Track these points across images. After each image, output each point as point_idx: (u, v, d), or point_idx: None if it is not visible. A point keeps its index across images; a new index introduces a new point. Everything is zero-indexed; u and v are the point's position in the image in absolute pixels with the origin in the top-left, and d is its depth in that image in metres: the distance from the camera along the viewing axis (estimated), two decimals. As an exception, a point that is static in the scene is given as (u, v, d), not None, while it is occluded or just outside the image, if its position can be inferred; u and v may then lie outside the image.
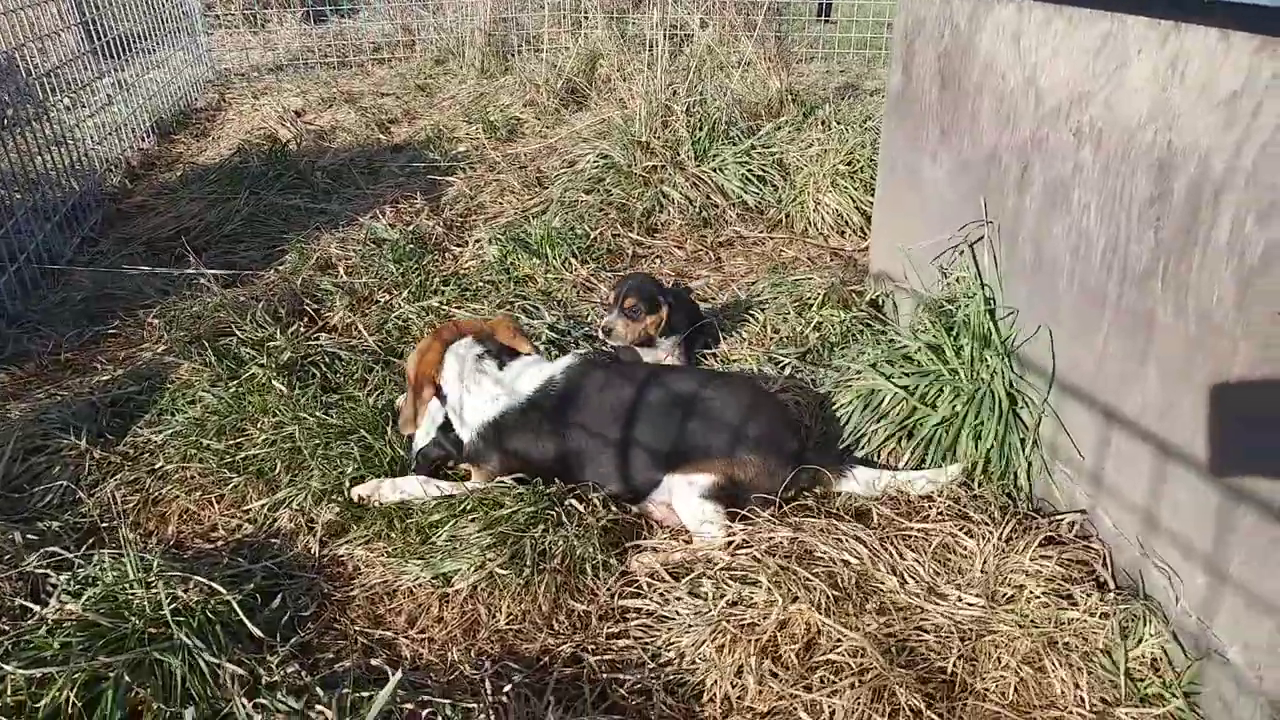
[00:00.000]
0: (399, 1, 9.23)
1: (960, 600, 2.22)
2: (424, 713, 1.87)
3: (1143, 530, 2.17)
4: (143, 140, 6.08)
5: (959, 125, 3.01)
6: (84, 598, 2.06)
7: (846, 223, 4.56)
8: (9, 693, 1.82)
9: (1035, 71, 2.53)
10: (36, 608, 2.04)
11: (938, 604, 2.21)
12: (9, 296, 3.84)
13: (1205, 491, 1.93)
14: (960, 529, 2.43)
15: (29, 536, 2.37)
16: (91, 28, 5.92)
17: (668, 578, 2.38)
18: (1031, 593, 2.20)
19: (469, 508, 2.55)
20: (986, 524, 2.43)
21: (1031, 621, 2.13)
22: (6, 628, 1.98)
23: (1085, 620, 2.12)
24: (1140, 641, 2.07)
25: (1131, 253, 2.13)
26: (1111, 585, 2.25)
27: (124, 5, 6.36)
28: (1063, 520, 2.46)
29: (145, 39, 6.73)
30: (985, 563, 2.30)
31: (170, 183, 5.34)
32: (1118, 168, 2.16)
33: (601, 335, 3.14)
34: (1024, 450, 2.64)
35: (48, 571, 2.18)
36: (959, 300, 2.95)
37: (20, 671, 1.84)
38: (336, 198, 5.09)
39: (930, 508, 2.55)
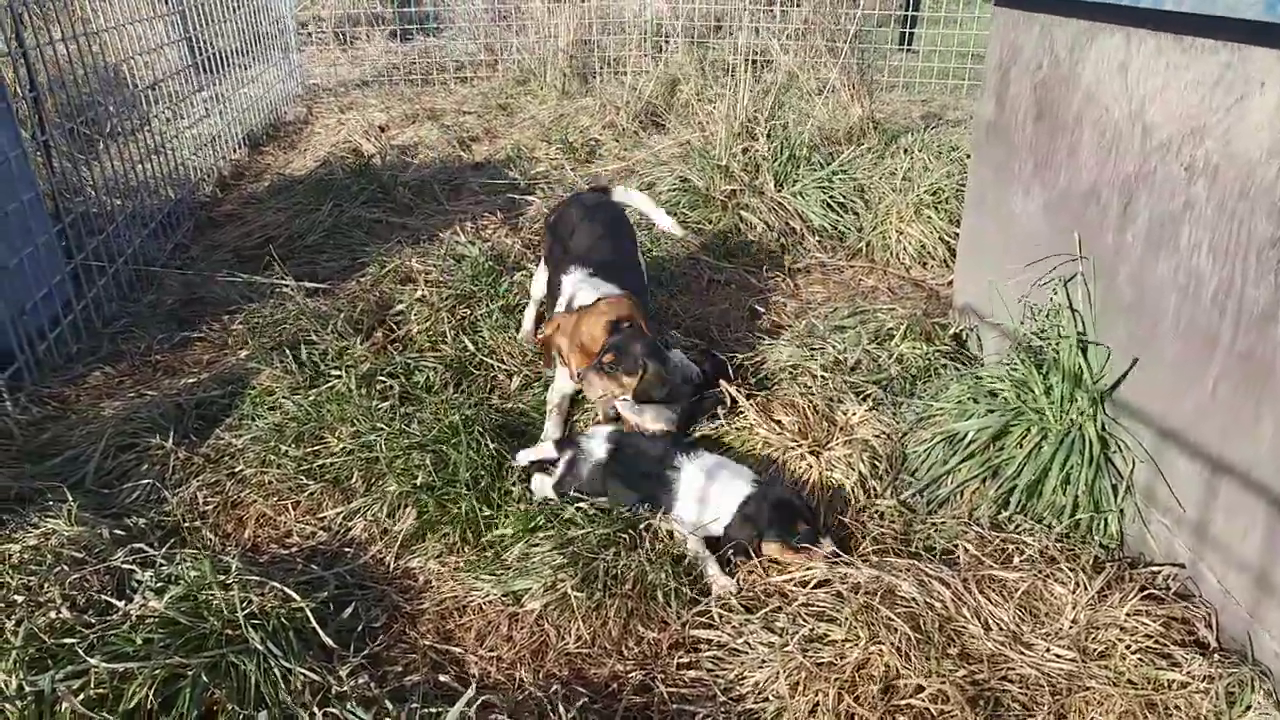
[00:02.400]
0: (483, 22, 9.42)
1: (1049, 652, 2.11)
2: (495, 733, 1.84)
3: (1253, 590, 2.04)
4: (234, 151, 6.29)
5: (1054, 158, 2.92)
6: (166, 596, 2.09)
7: (929, 254, 4.46)
8: (93, 685, 1.84)
9: (1143, 103, 2.43)
10: (121, 604, 2.07)
11: (1024, 654, 2.11)
12: (106, 298, 3.98)
13: (1327, 553, 1.81)
14: (1049, 576, 2.33)
15: (116, 532, 2.42)
16: (193, 43, 6.15)
17: (741, 609, 2.32)
18: (1127, 649, 2.09)
19: (541, 524, 2.54)
20: (1077, 573, 2.31)
21: (1128, 680, 2.02)
22: (93, 621, 2.02)
23: (1187, 683, 2.00)
24: (1248, 709, 1.94)
25: (1248, 295, 2.02)
26: (1215, 646, 2.12)
27: (224, 22, 6.61)
28: (1159, 572, 2.33)
29: (242, 54, 6.97)
30: (1076, 614, 2.19)
31: (258, 193, 5.50)
32: (1234, 206, 2.06)
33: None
34: (1116, 497, 2.53)
35: (133, 568, 2.23)
36: (1049, 337, 2.85)
37: (104, 665, 1.87)
38: (418, 212, 5.17)
39: (1018, 552, 2.44)
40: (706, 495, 2.54)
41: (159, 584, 2.17)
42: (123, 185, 4.50)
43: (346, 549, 2.58)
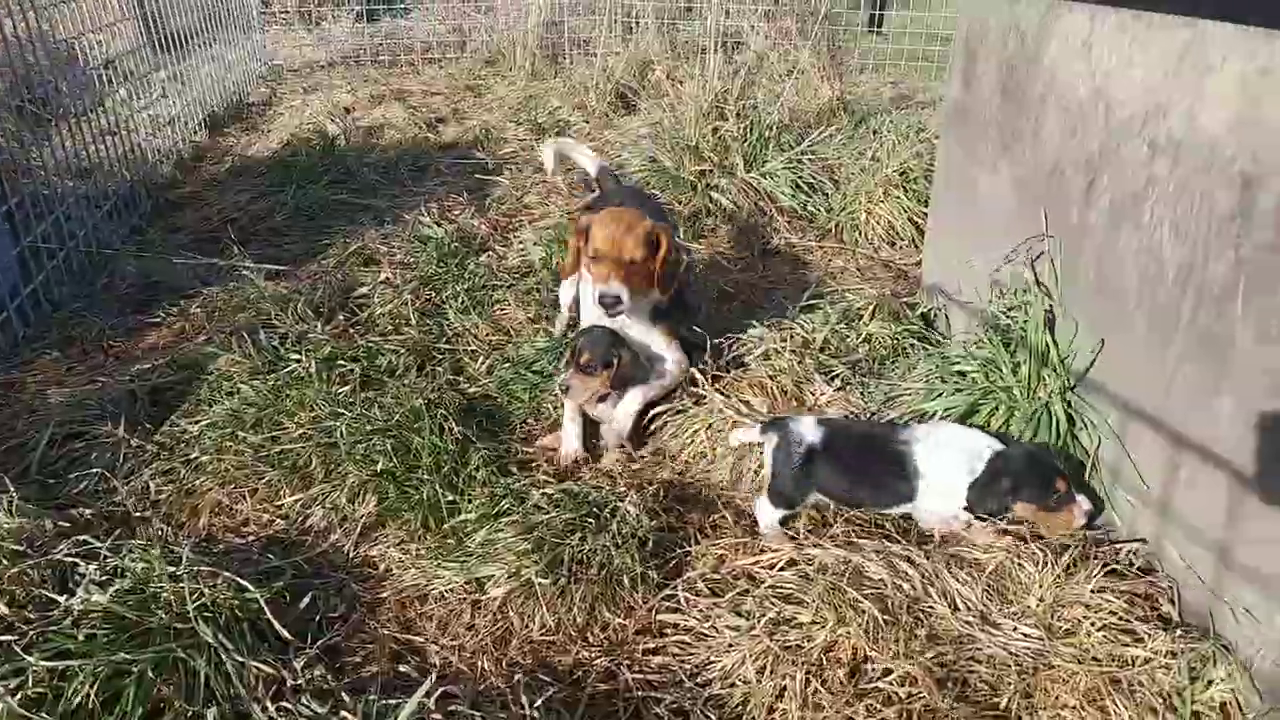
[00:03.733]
0: (451, 2, 9.27)
1: (1016, 631, 2.10)
2: (454, 723, 1.80)
3: (1215, 565, 2.04)
4: (194, 133, 6.14)
5: (1021, 136, 2.90)
6: (111, 590, 2.02)
7: (898, 234, 4.45)
8: (30, 685, 1.78)
9: (1107, 81, 2.42)
10: (63, 599, 2.00)
11: (992, 634, 2.10)
12: (56, 282, 3.86)
13: (1288, 528, 1.81)
14: (1017, 555, 2.32)
15: (60, 523, 2.34)
16: (150, 21, 5.99)
17: (709, 593, 2.30)
18: (1092, 626, 2.09)
19: (505, 509, 2.49)
20: (1044, 551, 2.31)
21: (1093, 658, 2.01)
22: (32, 617, 1.95)
23: (1150, 659, 2.00)
24: (1210, 685, 1.95)
25: (1209, 272, 2.01)
26: (1179, 622, 2.13)
27: (181, 0, 6.44)
28: (1123, 549, 2.34)
29: (202, 33, 6.80)
30: (1043, 592, 2.18)
31: (219, 175, 5.38)
32: (1196, 183, 2.04)
33: (559, 393, 2.97)
34: (1083, 474, 2.52)
35: (77, 560, 2.14)
36: (1017, 316, 2.84)
37: (42, 663, 1.80)
38: (382, 194, 5.08)
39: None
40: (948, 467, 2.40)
41: (104, 577, 2.09)
42: (75, 166, 4.37)
43: (305, 537, 2.53)
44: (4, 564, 2.08)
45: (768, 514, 2.51)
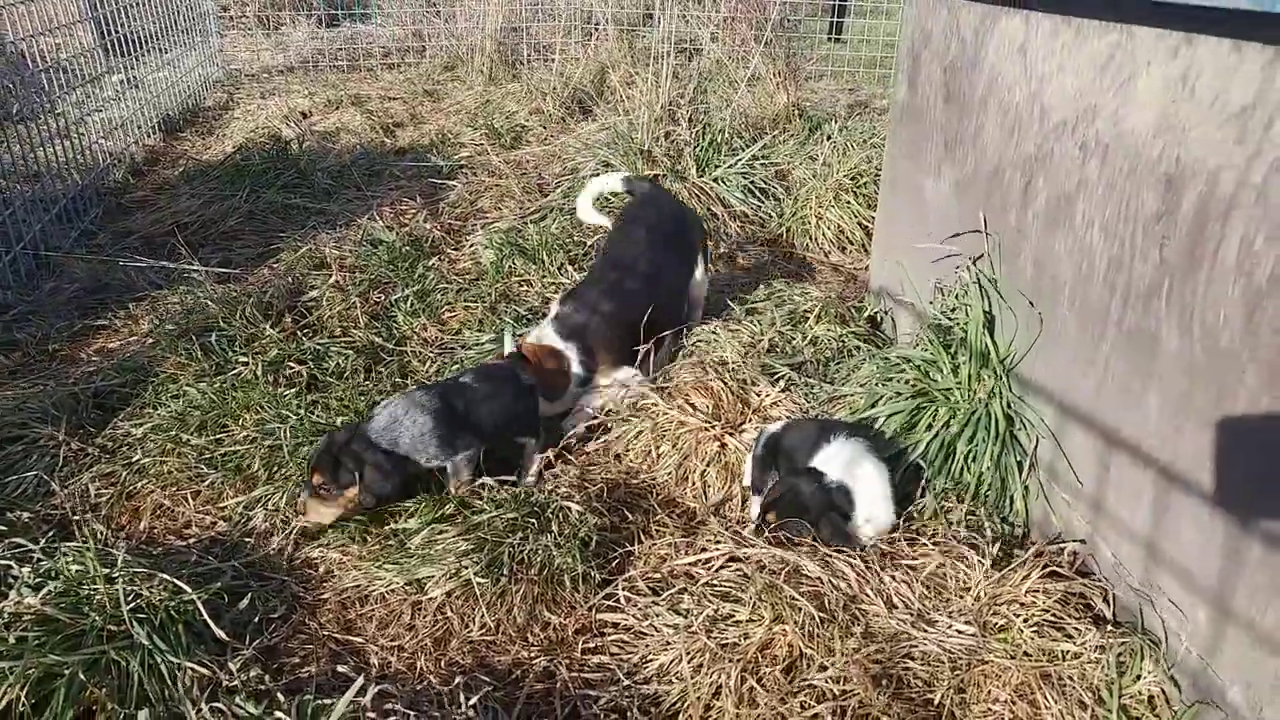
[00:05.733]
0: (411, 7, 9.23)
1: (950, 628, 2.13)
2: (387, 723, 1.80)
3: (1143, 562, 2.09)
4: (148, 136, 6.07)
5: (963, 140, 2.95)
6: (43, 592, 1.99)
7: (848, 239, 4.50)
8: (-43, 687, 1.75)
9: (1041, 84, 2.47)
10: (-7, 601, 1.97)
11: (926, 631, 2.13)
12: (2, 285, 3.80)
13: (1209, 523, 1.85)
14: (953, 554, 2.35)
15: (-4, 527, 2.31)
16: (104, 24, 5.91)
17: (648, 592, 2.31)
18: (1024, 624, 2.12)
19: (448, 513, 2.49)
20: (980, 549, 2.35)
21: (1024, 653, 2.05)
22: (-40, 620, 1.92)
23: (1080, 654, 2.04)
24: (1138, 678, 1.99)
25: (1136, 271, 2.06)
26: (1110, 618, 2.17)
27: (138, 3, 6.36)
28: (1059, 548, 2.38)
29: (158, 38, 6.72)
30: (979, 590, 2.22)
31: (172, 179, 5.31)
32: (1123, 183, 2.09)
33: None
34: (1021, 474, 2.57)
35: (10, 563, 2.11)
36: (957, 317, 2.88)
37: (-30, 666, 1.77)
38: (336, 198, 5.05)
39: (924, 530, 2.47)
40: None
41: (37, 580, 2.07)
42: (23, 169, 4.31)
43: (247, 539, 2.50)
44: (-69, 567, 2.04)
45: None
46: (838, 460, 2.47)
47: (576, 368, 3.06)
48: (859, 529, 2.42)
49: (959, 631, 2.12)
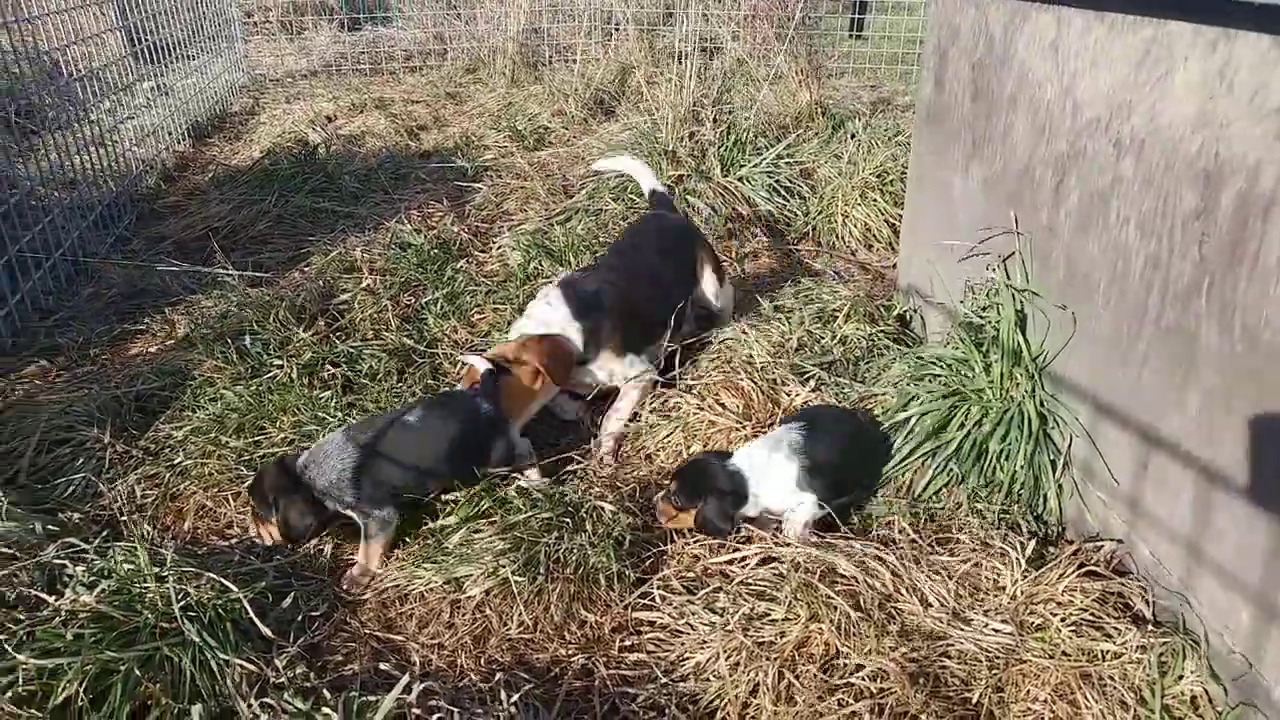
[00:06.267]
0: (432, 10, 9.30)
1: (987, 627, 2.14)
2: (434, 719, 1.82)
3: (1184, 561, 2.08)
4: (178, 143, 6.15)
5: (992, 137, 2.95)
6: (98, 590, 2.04)
7: (875, 236, 4.50)
8: (20, 683, 1.80)
9: (1073, 81, 2.47)
10: (51, 599, 2.02)
11: (963, 630, 2.14)
12: (43, 291, 3.88)
13: (1252, 521, 1.85)
14: (988, 552, 2.36)
15: (49, 527, 2.37)
16: (134, 32, 6.00)
17: (683, 590, 2.33)
18: (1062, 623, 2.12)
19: (484, 511, 2.52)
20: (1015, 549, 2.35)
21: (1063, 652, 2.05)
22: (22, 617, 1.97)
23: (1121, 653, 2.03)
24: (1180, 679, 1.98)
25: (1174, 269, 2.06)
26: (1149, 617, 2.17)
27: (166, 12, 6.45)
28: (1095, 547, 2.37)
29: (185, 45, 6.82)
30: (1015, 589, 2.22)
31: (202, 184, 5.39)
32: (1160, 180, 2.09)
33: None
34: (1054, 473, 2.57)
35: (65, 563, 2.17)
36: (988, 316, 2.88)
37: (32, 662, 1.82)
38: (364, 201, 5.10)
39: (958, 530, 2.47)
40: None
41: (91, 578, 2.12)
42: (60, 176, 4.39)
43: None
44: (-10, 567, 2.10)
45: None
46: (761, 445, 2.55)
47: (579, 346, 3.00)
48: (763, 513, 2.51)
49: (995, 630, 2.13)
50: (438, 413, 2.61)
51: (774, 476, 2.48)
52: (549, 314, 3.02)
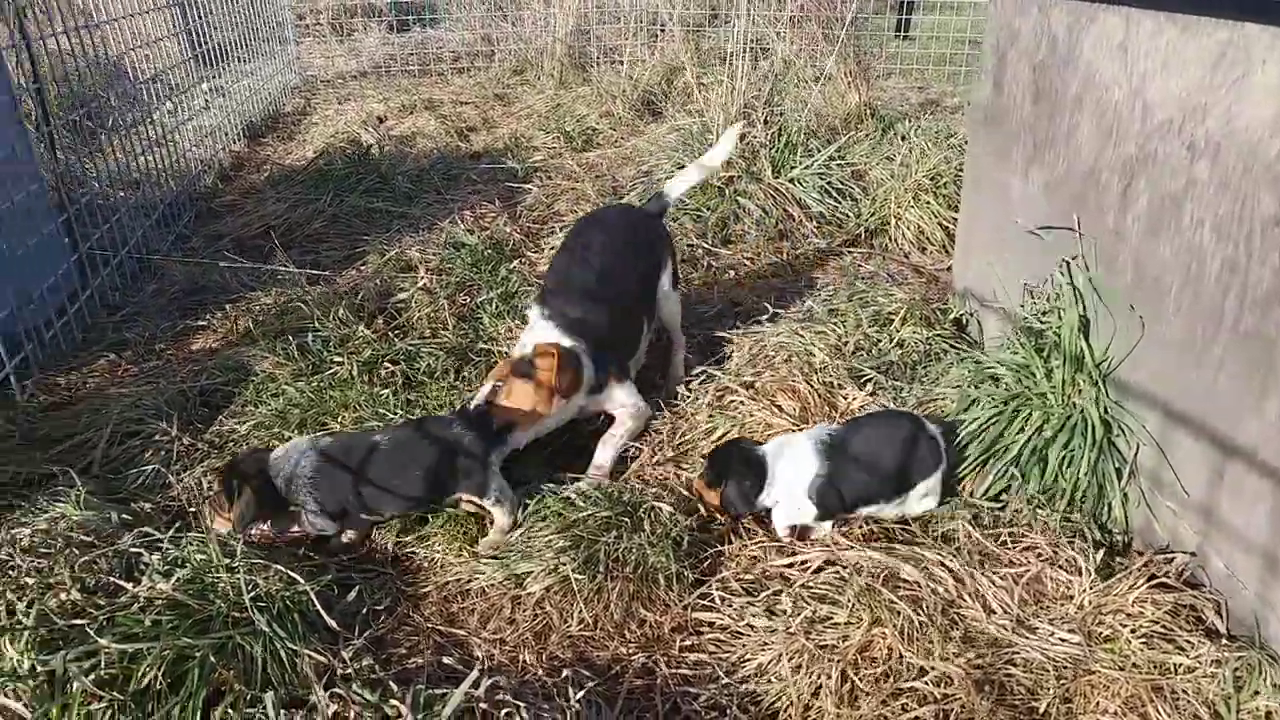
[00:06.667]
0: (479, 12, 9.39)
1: (1053, 636, 2.11)
2: (501, 713, 1.85)
3: (1260, 573, 2.04)
4: (234, 143, 6.28)
5: (1054, 140, 2.91)
6: (173, 579, 2.10)
7: (928, 239, 4.46)
8: (103, 666, 1.85)
9: (1143, 83, 2.43)
10: (129, 586, 2.08)
11: (1028, 638, 2.11)
12: (111, 287, 3.99)
13: (1330, 530, 1.81)
14: (1051, 561, 2.33)
15: (124, 516, 2.44)
16: (192, 36, 6.14)
17: (742, 592, 2.33)
18: (1132, 634, 2.09)
19: (544, 512, 2.54)
20: (1079, 558, 2.32)
21: (1133, 664, 2.02)
22: (102, 603, 2.03)
23: (1194, 667, 2.00)
24: (1256, 694, 1.94)
25: (1253, 274, 2.02)
26: (1223, 631, 2.13)
27: (222, 15, 6.59)
28: (1165, 557, 2.33)
29: (240, 47, 6.96)
30: (1082, 599, 2.19)
31: (258, 184, 5.49)
32: (1238, 184, 2.05)
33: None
34: (1120, 481, 2.52)
35: (140, 551, 2.23)
36: (1050, 320, 2.85)
37: (114, 646, 1.87)
38: (417, 202, 5.17)
39: (1020, 537, 2.44)
40: None
41: (166, 567, 2.17)
42: (125, 177, 4.51)
43: (350, 534, 2.59)
44: (75, 553, 2.17)
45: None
46: (795, 439, 2.60)
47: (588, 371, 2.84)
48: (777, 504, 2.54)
49: (1063, 640, 2.10)
50: (416, 435, 2.58)
51: (791, 471, 2.50)
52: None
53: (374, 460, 2.49)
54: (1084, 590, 2.21)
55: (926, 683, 2.01)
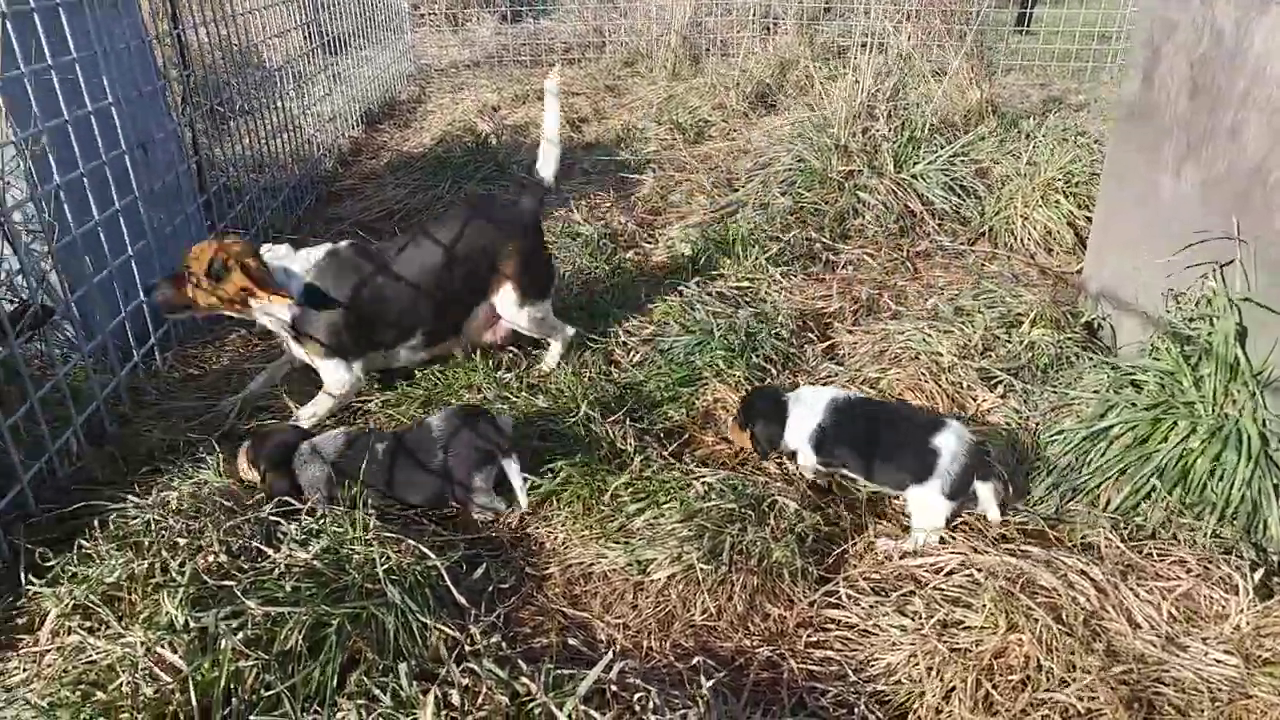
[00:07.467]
0: (591, 4, 9.45)
1: (1207, 656, 2.00)
2: (634, 697, 1.85)
3: None
4: (353, 129, 6.48)
5: (1214, 137, 2.75)
6: (311, 548, 2.17)
7: (1056, 240, 4.28)
8: (249, 626, 1.93)
9: (1324, 77, 2.27)
10: (271, 552, 2.16)
11: (1179, 656, 2.01)
12: (241, 267, 4.15)
13: None
14: (1201, 577, 2.21)
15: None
16: (316, 25, 6.35)
17: (870, 591, 2.28)
18: (1295, 658, 1.97)
19: (673, 494, 2.53)
20: (1234, 576, 2.19)
21: (1297, 689, 1.90)
22: (246, 567, 2.11)
23: (1365, 695, 1.87)
24: None
25: None
26: (1399, 660, 1.98)
27: (343, 5, 6.80)
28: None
29: (358, 36, 7.16)
30: (1240, 619, 2.07)
31: (377, 169, 5.65)
32: None
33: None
34: (1278, 498, 2.38)
35: (279, 520, 2.31)
36: (1200, 327, 2.70)
37: (260, 608, 1.95)
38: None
39: (1167, 550, 2.33)
40: None
41: (303, 536, 2.25)
42: (254, 160, 4.69)
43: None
44: (220, 518, 2.26)
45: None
46: (819, 390, 2.70)
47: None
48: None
49: (1218, 661, 1.99)
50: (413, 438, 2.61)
51: (802, 418, 2.61)
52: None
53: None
54: (1241, 610, 2.09)
55: (1068, 695, 1.93)
